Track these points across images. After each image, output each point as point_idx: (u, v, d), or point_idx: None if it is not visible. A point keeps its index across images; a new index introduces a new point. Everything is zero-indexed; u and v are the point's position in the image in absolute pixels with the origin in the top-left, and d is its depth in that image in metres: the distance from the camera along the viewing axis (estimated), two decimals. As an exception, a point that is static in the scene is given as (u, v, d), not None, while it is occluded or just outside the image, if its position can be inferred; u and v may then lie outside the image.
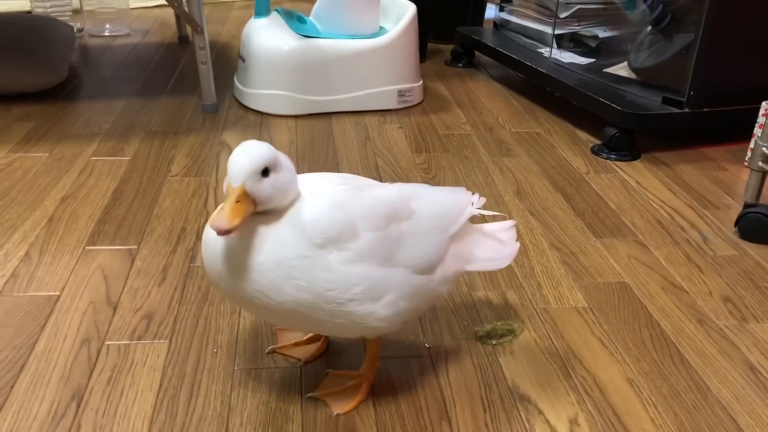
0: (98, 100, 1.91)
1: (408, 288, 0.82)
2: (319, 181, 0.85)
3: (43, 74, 1.87)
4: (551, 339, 1.03)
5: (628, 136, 1.66)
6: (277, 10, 1.91)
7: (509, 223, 0.97)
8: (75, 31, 2.32)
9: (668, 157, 1.68)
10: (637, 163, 1.65)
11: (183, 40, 2.50)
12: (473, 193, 0.94)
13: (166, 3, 2.93)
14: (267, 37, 1.83)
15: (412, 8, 1.92)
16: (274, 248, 0.76)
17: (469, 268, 0.91)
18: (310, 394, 0.90)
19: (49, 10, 2.45)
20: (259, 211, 0.77)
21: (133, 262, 1.18)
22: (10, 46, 1.85)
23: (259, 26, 1.86)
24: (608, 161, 1.65)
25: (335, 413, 0.88)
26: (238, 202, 0.73)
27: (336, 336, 0.98)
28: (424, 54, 2.36)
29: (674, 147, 1.74)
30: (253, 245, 0.76)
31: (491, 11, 2.65)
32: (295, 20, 1.90)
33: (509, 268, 1.20)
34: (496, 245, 0.94)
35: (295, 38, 1.82)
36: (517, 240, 0.95)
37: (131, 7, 2.81)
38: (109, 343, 0.98)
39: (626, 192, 1.50)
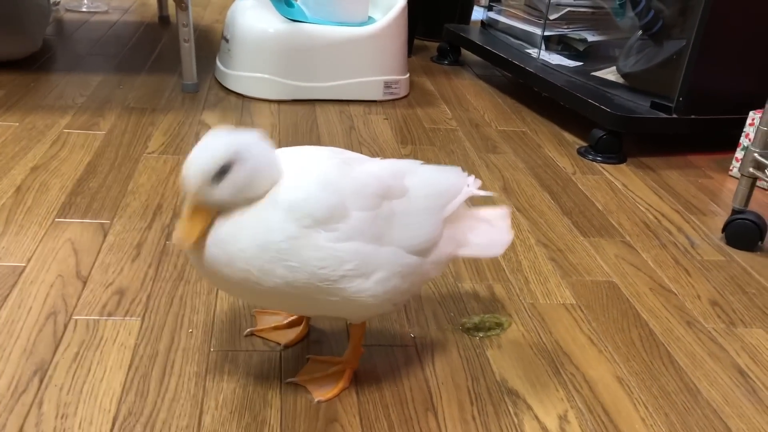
0: (73, 73, 1.83)
1: (399, 266, 0.78)
2: (306, 156, 0.80)
3: (16, 43, 1.79)
4: (539, 334, 1.00)
5: (615, 138, 1.64)
6: (264, -8, 1.86)
7: (503, 210, 0.94)
8: (51, 3, 2.24)
9: (654, 162, 1.67)
10: (623, 166, 1.63)
11: (164, 20, 2.44)
12: (468, 174, 0.91)
13: (147, -17, 2.86)
14: (253, 18, 1.78)
15: (402, 0, 1.89)
16: (259, 232, 0.71)
17: (462, 252, 0.88)
18: (290, 379, 0.86)
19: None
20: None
21: (105, 236, 1.12)
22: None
23: (246, 6, 1.81)
24: (594, 163, 1.63)
25: (316, 400, 0.83)
26: (192, 217, 0.70)
27: (328, 315, 0.93)
28: (410, 50, 2.33)
29: (660, 152, 1.73)
30: (236, 231, 0.72)
31: (478, 13, 2.64)
32: (283, 3, 1.86)
33: (496, 261, 1.17)
34: (490, 231, 0.91)
35: (281, 21, 1.77)
36: (511, 229, 0.92)
37: (110, -17, 2.73)
38: (77, 317, 0.93)
39: (613, 194, 1.48)
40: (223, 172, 0.70)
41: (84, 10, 2.46)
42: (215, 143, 0.70)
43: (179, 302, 0.98)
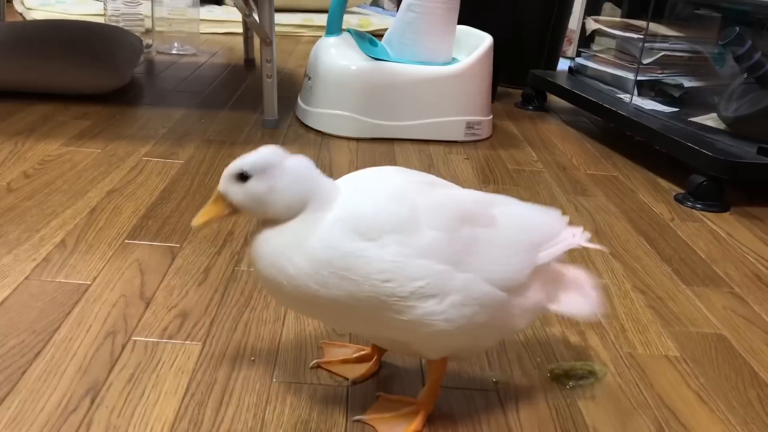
0: (157, 107, 1.86)
1: (478, 294, 0.70)
2: (381, 175, 0.75)
3: (106, 76, 1.83)
4: (639, 387, 0.88)
5: (717, 185, 1.51)
6: (348, 31, 1.85)
7: (593, 278, 0.83)
8: (143, 44, 2.31)
9: (762, 212, 1.53)
10: (726, 215, 1.50)
11: (249, 63, 2.47)
12: (569, 222, 0.82)
13: (235, 31, 2.94)
14: (336, 55, 1.77)
15: (489, 39, 1.84)
16: (316, 248, 0.67)
17: (553, 307, 0.78)
18: (357, 417, 0.77)
19: (121, 24, 2.45)
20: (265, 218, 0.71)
21: (173, 259, 1.08)
22: (77, 47, 1.83)
23: (329, 44, 1.79)
24: (694, 210, 1.51)
25: None
26: (214, 202, 0.72)
27: (401, 343, 0.84)
28: (493, 96, 2.27)
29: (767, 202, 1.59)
30: (287, 249, 0.68)
31: (563, 64, 2.56)
32: (367, 42, 1.84)
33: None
34: (580, 290, 0.81)
35: (364, 59, 1.75)
36: (599, 299, 0.81)
37: (201, 32, 2.81)
38: (136, 338, 0.87)
39: (716, 242, 1.35)
40: (242, 177, 0.70)
41: (174, 52, 2.53)
42: (257, 152, 0.71)
43: (243, 329, 0.92)
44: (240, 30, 2.72)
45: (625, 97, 1.98)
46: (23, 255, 1.04)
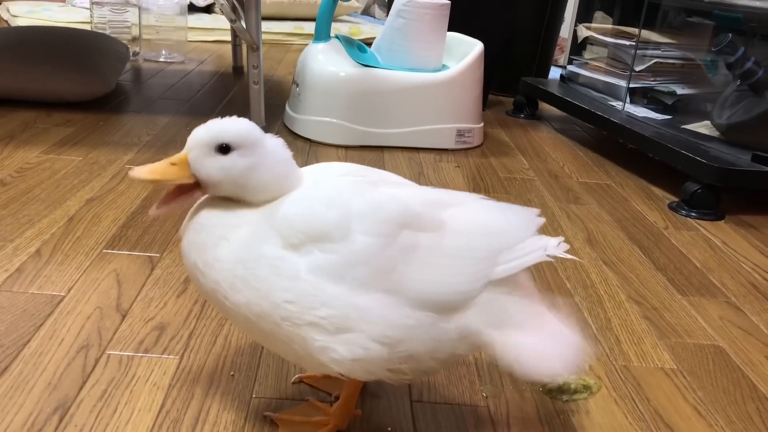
0: (143, 114, 1.82)
1: (395, 326, 0.61)
2: (330, 171, 0.69)
3: (90, 83, 1.80)
4: (635, 401, 0.85)
5: (712, 193, 1.49)
6: (337, 37, 1.82)
7: (582, 345, 0.67)
8: (130, 51, 2.28)
9: (756, 220, 1.50)
10: (721, 223, 1.47)
11: (237, 71, 2.44)
12: (543, 228, 0.72)
13: (224, 39, 2.91)
14: (324, 62, 1.74)
15: (480, 46, 1.81)
16: (239, 243, 0.62)
17: (500, 342, 0.63)
18: (267, 413, 0.75)
19: (108, 31, 2.42)
20: (223, 196, 0.65)
21: (152, 269, 1.04)
22: (61, 53, 1.79)
23: (317, 51, 1.76)
24: (688, 219, 1.48)
25: None
26: (173, 164, 0.63)
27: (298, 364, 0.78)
28: (484, 103, 2.24)
29: (763, 210, 1.56)
30: (220, 237, 0.63)
31: (555, 72, 2.54)
32: (355, 48, 1.81)
33: (582, 316, 1.03)
34: (552, 337, 0.66)
35: (353, 65, 1.72)
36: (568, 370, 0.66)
37: (189, 39, 2.78)
38: (110, 352, 0.83)
39: (712, 251, 1.32)
40: (222, 149, 0.62)
41: (161, 60, 2.50)
42: (237, 122, 0.63)
43: (223, 342, 0.88)
44: (228, 38, 2.69)
45: (617, 104, 1.96)
46: (-5, 265, 1.00)
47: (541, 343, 0.64)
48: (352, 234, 0.61)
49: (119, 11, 2.45)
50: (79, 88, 1.78)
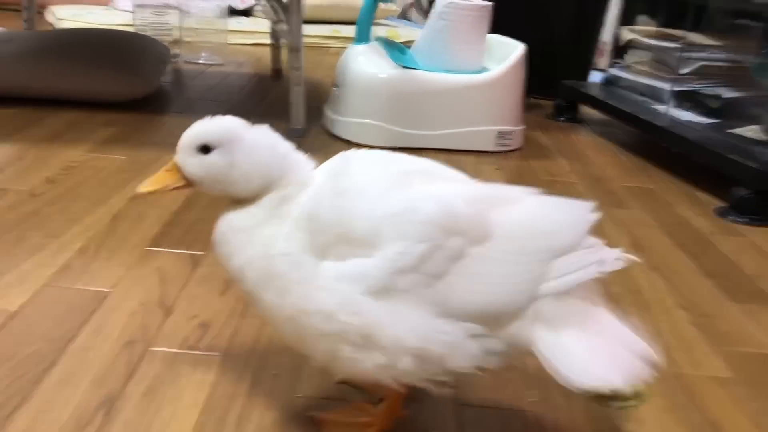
0: (184, 115, 1.84)
1: (428, 341, 0.59)
2: (363, 162, 0.65)
3: (132, 84, 1.82)
4: (689, 411, 0.82)
5: (762, 198, 1.45)
6: (378, 39, 1.82)
7: (652, 353, 0.62)
8: (171, 53, 2.30)
9: (809, 227, 1.46)
10: (771, 229, 1.43)
11: (277, 74, 2.45)
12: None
13: (263, 42, 2.92)
14: (364, 63, 1.73)
15: (522, 47, 1.79)
16: (261, 245, 0.62)
17: (553, 351, 0.60)
18: (310, 413, 0.74)
19: (149, 33, 2.45)
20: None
21: (195, 267, 1.04)
22: (104, 55, 1.82)
23: (357, 52, 1.76)
24: (736, 224, 1.44)
25: None
26: (168, 171, 0.67)
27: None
28: (523, 108, 2.22)
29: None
30: (244, 242, 0.64)
31: (595, 77, 2.50)
32: (396, 50, 1.80)
33: (628, 321, 1.00)
34: (613, 344, 0.61)
35: (393, 67, 1.71)
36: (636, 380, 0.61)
37: (229, 42, 2.80)
38: (154, 349, 0.84)
39: (762, 258, 1.28)
40: (204, 150, 0.64)
41: (201, 62, 2.52)
42: (217, 122, 0.65)
43: (267, 341, 0.87)
44: (268, 41, 2.71)
45: (661, 108, 1.92)
46: (43, 261, 1.01)
47: (600, 350, 0.60)
48: (384, 240, 0.58)
49: (160, 13, 2.48)
50: (122, 88, 1.80)
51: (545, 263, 0.61)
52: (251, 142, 0.64)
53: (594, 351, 0.60)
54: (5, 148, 1.45)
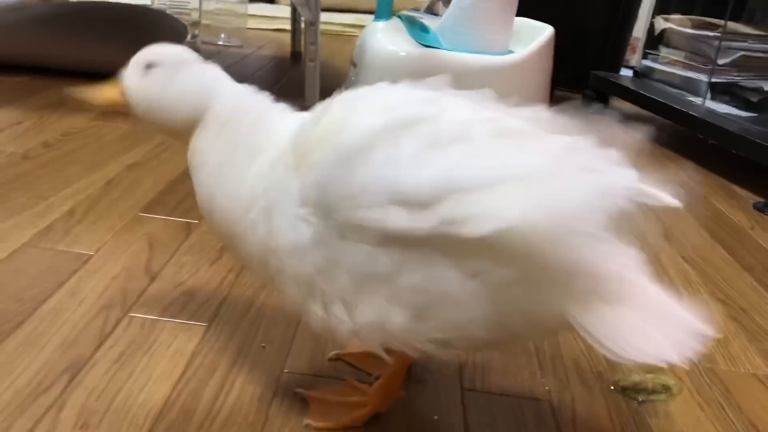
0: (196, 91, 1.77)
1: (426, 286, 0.50)
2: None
3: (144, 56, 1.75)
4: (724, 408, 0.73)
5: (805, 193, 1.34)
6: (399, 16, 1.74)
7: (703, 326, 0.53)
8: (188, 32, 2.25)
9: None
10: (815, 226, 1.32)
11: (295, 56, 2.38)
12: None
13: (284, 28, 2.86)
14: (383, 40, 1.65)
15: (550, 30, 1.70)
16: (233, 172, 0.59)
17: (591, 320, 0.50)
18: (298, 390, 0.66)
19: (169, 12, 2.40)
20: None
21: (188, 235, 0.97)
22: (117, 27, 1.76)
23: (377, 29, 1.68)
24: (777, 220, 1.34)
25: (305, 422, 0.62)
26: (111, 84, 0.65)
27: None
28: (550, 99, 2.12)
29: None
30: (218, 165, 0.61)
31: (625, 72, 2.40)
32: (417, 28, 1.72)
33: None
34: (660, 316, 0.52)
35: (414, 45, 1.63)
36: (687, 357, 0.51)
37: (250, 27, 2.74)
38: (133, 314, 0.76)
39: (805, 255, 1.18)
40: (148, 66, 0.62)
41: (220, 43, 2.46)
42: (169, 46, 0.64)
43: (257, 312, 0.80)
44: (289, 26, 2.64)
45: (697, 100, 1.82)
46: (26, 221, 0.94)
47: (650, 322, 0.51)
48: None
49: (180, -8, 2.42)
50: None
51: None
52: (197, 69, 0.63)
53: (643, 324, 0.51)
54: (4, 113, 1.39)
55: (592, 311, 0.50)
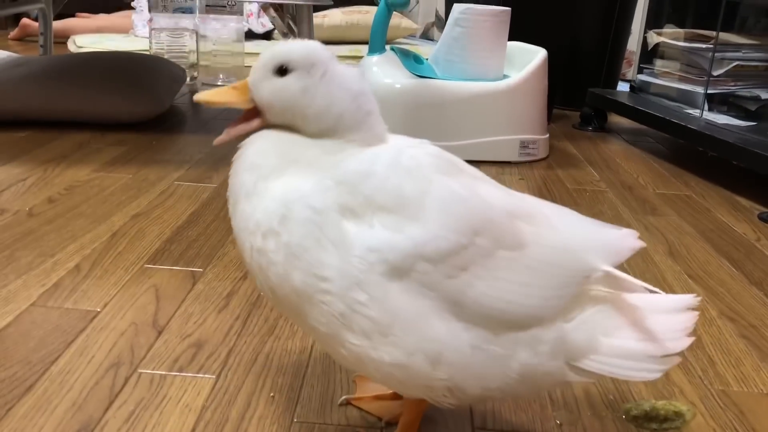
0: (196, 134, 1.79)
1: (443, 343, 0.53)
2: (414, 143, 0.60)
3: (143, 103, 1.78)
4: (738, 431, 0.72)
5: (809, 201, 1.34)
6: (393, 49, 1.76)
7: (686, 299, 0.60)
8: (188, 76, 2.28)
9: None
10: (821, 234, 1.32)
11: (293, 92, 2.40)
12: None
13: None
14: (379, 74, 1.67)
15: (543, 53, 1.71)
16: (281, 190, 0.55)
17: (583, 364, 0.57)
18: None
19: (166, 56, 2.43)
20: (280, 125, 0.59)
21: (194, 285, 0.97)
22: (116, 75, 1.79)
23: (372, 63, 1.70)
24: (783, 230, 1.33)
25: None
26: (234, 88, 0.59)
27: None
28: (549, 117, 2.13)
29: None
30: (261, 177, 0.57)
31: (622, 87, 2.41)
32: (411, 60, 1.74)
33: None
34: (646, 335, 0.57)
35: (409, 77, 1.65)
36: (691, 333, 0.58)
37: (246, 65, 2.77)
38: (142, 371, 0.77)
39: (813, 265, 1.17)
40: (281, 71, 0.57)
41: (219, 83, 2.49)
42: (301, 43, 0.58)
43: (264, 360, 0.80)
44: (286, 61, 2.67)
45: (695, 112, 1.82)
46: (33, 280, 0.95)
47: (636, 346, 0.57)
48: (427, 217, 0.53)
49: (177, 36, 2.46)
50: (133, 108, 1.77)
51: (576, 280, 0.56)
52: (340, 75, 0.58)
53: (642, 335, 0.57)
54: (8, 170, 1.41)
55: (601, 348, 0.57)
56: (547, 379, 0.57)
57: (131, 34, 3.17)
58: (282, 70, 0.57)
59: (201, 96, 0.59)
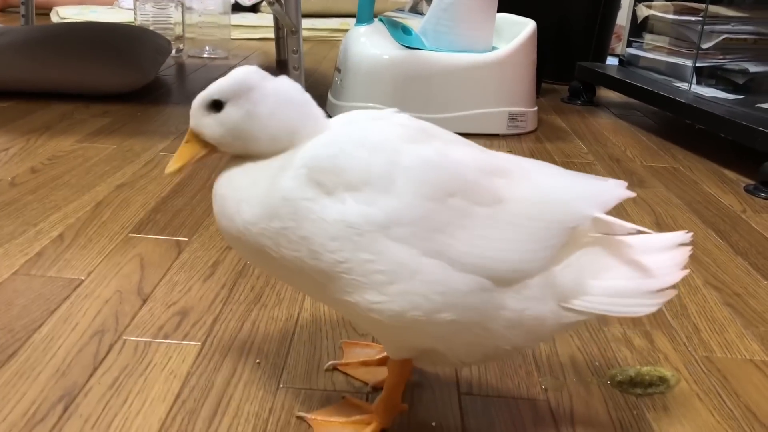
0: (182, 105, 1.77)
1: (443, 285, 0.53)
2: (371, 115, 0.60)
3: (128, 74, 1.75)
4: (721, 396, 0.73)
5: (795, 173, 1.34)
6: (381, 19, 1.74)
7: (678, 235, 0.60)
8: (173, 48, 2.25)
9: None
10: (807, 206, 1.32)
11: (281, 65, 2.38)
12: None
13: (269, 37, 2.86)
14: (366, 44, 1.65)
15: (532, 24, 1.70)
16: (264, 191, 0.55)
17: (576, 304, 0.57)
18: (300, 414, 0.65)
19: (152, 28, 2.39)
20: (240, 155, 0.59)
21: (179, 254, 0.97)
22: (99, 46, 1.76)
23: (359, 33, 1.68)
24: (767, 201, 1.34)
25: None
26: (187, 142, 0.60)
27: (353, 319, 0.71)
28: (537, 91, 2.12)
29: None
30: (240, 201, 0.56)
31: (611, 61, 2.40)
32: (400, 30, 1.72)
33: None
34: (638, 271, 0.58)
35: (397, 48, 1.63)
36: (685, 267, 0.59)
37: (234, 38, 2.74)
38: (126, 338, 0.76)
39: (798, 235, 1.18)
40: (215, 106, 0.58)
41: (205, 56, 2.46)
42: (227, 76, 0.58)
43: (250, 327, 0.79)
44: (273, 35, 2.64)
45: (683, 85, 1.82)
46: (14, 249, 0.94)
47: (630, 284, 0.58)
48: (397, 188, 0.53)
49: (162, 7, 2.42)
50: (117, 79, 1.74)
51: (560, 230, 0.56)
52: (274, 91, 0.58)
53: (636, 271, 0.58)
54: (-8, 140, 1.39)
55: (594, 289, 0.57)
56: (543, 324, 0.56)
57: (115, 6, 3.12)
58: (217, 105, 0.57)
59: (169, 168, 0.60)
